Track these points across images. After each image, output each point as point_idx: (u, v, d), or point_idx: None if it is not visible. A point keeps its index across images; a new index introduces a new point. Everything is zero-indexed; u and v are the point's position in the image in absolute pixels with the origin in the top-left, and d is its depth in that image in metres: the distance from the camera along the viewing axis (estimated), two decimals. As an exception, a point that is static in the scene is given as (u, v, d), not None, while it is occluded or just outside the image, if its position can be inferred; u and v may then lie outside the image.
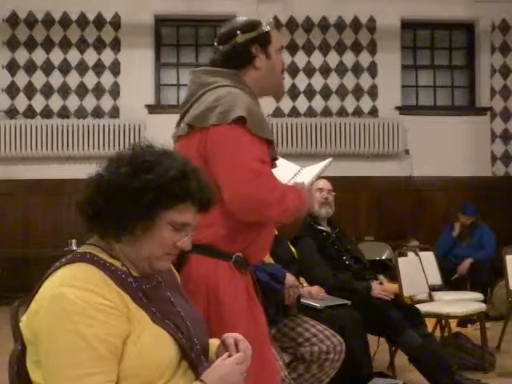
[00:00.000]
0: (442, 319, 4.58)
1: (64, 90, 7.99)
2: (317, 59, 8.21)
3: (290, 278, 3.13)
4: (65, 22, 8.00)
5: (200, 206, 1.52)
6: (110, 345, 1.35)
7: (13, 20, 7.96)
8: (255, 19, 2.18)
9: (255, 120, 1.95)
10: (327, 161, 2.26)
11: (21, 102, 7.96)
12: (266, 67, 2.13)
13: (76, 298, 1.35)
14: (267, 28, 2.14)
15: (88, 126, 7.83)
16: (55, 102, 7.98)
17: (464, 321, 5.23)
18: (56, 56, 7.99)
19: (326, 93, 8.21)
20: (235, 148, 1.92)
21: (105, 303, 1.37)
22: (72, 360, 1.32)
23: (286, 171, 2.22)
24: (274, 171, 2.03)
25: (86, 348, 1.32)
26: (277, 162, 2.12)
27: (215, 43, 2.18)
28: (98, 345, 1.33)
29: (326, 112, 8.19)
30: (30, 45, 7.97)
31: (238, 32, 2.11)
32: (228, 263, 2.01)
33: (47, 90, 7.97)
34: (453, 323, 4.86)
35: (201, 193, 1.50)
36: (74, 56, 8.01)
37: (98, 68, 8.04)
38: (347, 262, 3.96)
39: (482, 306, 4.60)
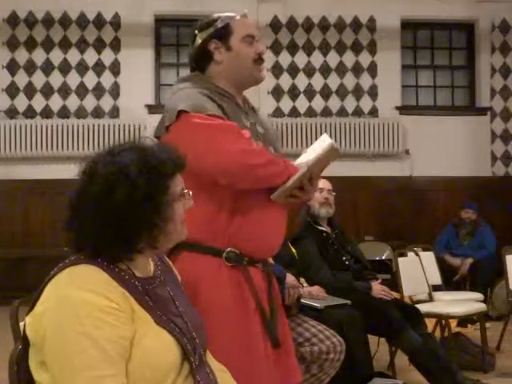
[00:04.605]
0: (442, 319, 4.57)
1: (64, 90, 7.98)
2: (317, 59, 8.20)
3: (290, 279, 3.13)
4: (65, 21, 8.00)
5: (179, 169, 1.53)
6: (119, 347, 1.34)
7: (13, 20, 7.95)
8: (214, 15, 2.20)
9: (194, 105, 2.01)
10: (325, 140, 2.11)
11: (21, 102, 7.94)
12: (228, 59, 2.14)
13: (83, 300, 1.33)
14: (226, 21, 2.15)
15: (88, 126, 7.82)
16: (55, 102, 7.97)
17: (464, 321, 5.23)
18: (56, 56, 7.98)
19: (325, 93, 8.21)
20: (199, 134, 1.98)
21: (111, 305, 1.36)
22: (85, 363, 1.30)
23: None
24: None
25: (98, 350, 1.31)
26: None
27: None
28: (109, 347, 1.32)
29: (326, 112, 8.18)
30: (30, 45, 7.96)
31: (196, 32, 2.18)
32: (218, 259, 2.00)
33: (47, 90, 7.96)
34: (453, 323, 4.86)
35: (176, 159, 1.51)
36: (73, 56, 8.00)
37: (98, 68, 8.03)
38: (347, 262, 3.96)
39: (482, 306, 4.60)
